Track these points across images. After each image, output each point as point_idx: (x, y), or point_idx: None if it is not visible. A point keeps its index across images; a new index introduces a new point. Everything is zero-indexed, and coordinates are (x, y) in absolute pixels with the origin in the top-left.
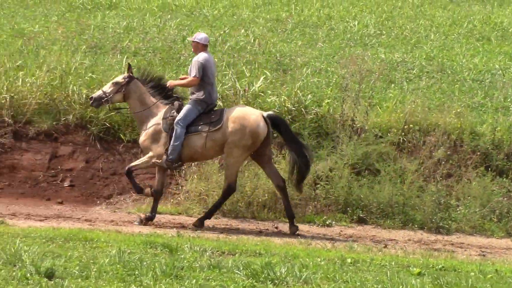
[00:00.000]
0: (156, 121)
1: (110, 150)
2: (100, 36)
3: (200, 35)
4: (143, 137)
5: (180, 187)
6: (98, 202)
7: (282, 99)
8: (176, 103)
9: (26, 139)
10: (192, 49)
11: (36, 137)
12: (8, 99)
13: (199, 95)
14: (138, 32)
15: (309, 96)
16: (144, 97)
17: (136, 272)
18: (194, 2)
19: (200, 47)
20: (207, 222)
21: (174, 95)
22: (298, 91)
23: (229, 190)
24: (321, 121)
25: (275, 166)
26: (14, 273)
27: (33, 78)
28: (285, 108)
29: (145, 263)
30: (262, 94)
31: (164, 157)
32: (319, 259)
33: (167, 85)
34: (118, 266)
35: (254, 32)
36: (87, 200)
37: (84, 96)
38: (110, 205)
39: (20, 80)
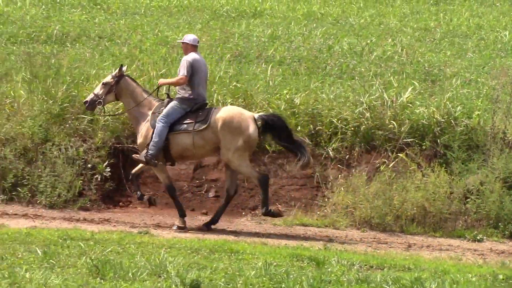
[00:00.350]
0: (147, 119)
1: (255, 160)
2: (245, 45)
3: (189, 37)
4: (139, 139)
5: (326, 199)
6: (243, 213)
7: (430, 110)
8: (166, 100)
9: None
10: (183, 51)
11: None
12: None
13: (185, 94)
14: (283, 40)
15: (459, 107)
16: (136, 93)
17: (283, 285)
18: (340, 11)
19: (190, 47)
20: (354, 235)
21: (165, 93)
22: (448, 102)
23: (263, 180)
24: (471, 133)
25: (237, 175)
26: (159, 284)
27: None
28: (434, 119)
29: (291, 276)
30: (410, 105)
31: (144, 151)
32: (470, 275)
33: (158, 83)
34: (264, 278)
35: (402, 41)
36: (232, 211)
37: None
38: (255, 217)
39: None
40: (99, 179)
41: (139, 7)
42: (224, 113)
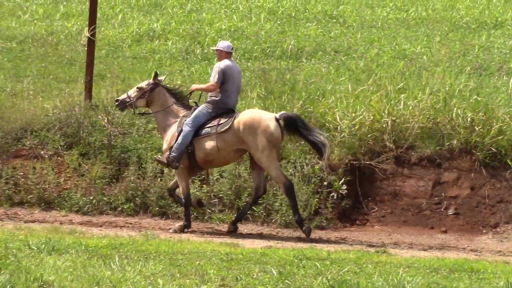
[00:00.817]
0: (174, 126)
1: (496, 176)
2: (485, 57)
3: (223, 43)
4: (164, 146)
5: None
6: (484, 231)
7: None
8: (194, 108)
9: (408, 165)
10: (217, 58)
11: (419, 162)
12: (389, 123)
13: (214, 98)
14: None
15: None
16: (166, 104)
17: None
18: None
19: (224, 54)
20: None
21: (194, 101)
22: None
23: (287, 188)
24: None
25: (264, 174)
26: None
27: (415, 101)
28: None
29: None
30: None
31: (167, 153)
32: None
33: (190, 89)
34: None
35: None
36: (472, 229)
37: (468, 119)
38: (497, 235)
39: (402, 103)
40: (335, 197)
41: (376, 20)
42: (244, 115)
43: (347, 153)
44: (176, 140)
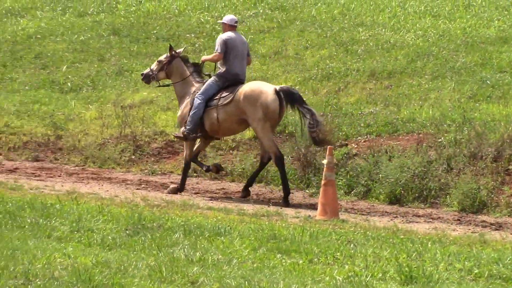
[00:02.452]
0: (189, 96)
1: None
2: None
3: (227, 17)
4: (178, 113)
5: None
6: None
7: None
8: (205, 80)
9: None
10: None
11: None
12: None
13: (221, 70)
14: None
15: None
16: (184, 74)
17: None
18: None
19: (227, 27)
20: None
21: (207, 74)
22: None
23: (277, 159)
24: None
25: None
26: None
27: None
28: None
29: None
30: None
31: (182, 128)
32: None
33: (201, 60)
34: None
35: None
36: None
37: None
38: None
39: None
40: None
41: None
42: (246, 86)
43: None
44: (189, 113)
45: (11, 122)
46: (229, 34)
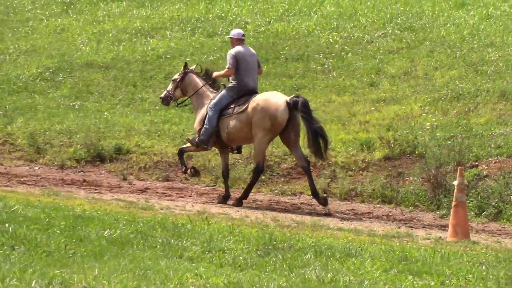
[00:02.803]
0: (205, 110)
1: None
2: None
3: (234, 31)
4: (194, 125)
5: None
6: None
7: None
8: (219, 92)
9: None
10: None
11: None
12: None
13: (233, 82)
14: None
15: None
16: (197, 87)
17: None
18: None
19: (235, 41)
20: None
21: (222, 84)
22: None
23: (257, 169)
24: None
25: (301, 149)
26: None
27: None
28: None
29: None
30: None
31: (196, 136)
32: None
33: (213, 77)
34: None
35: None
36: None
37: None
38: None
39: None
40: None
41: None
42: (259, 96)
43: None
44: (204, 123)
45: (141, 142)
46: (237, 48)
